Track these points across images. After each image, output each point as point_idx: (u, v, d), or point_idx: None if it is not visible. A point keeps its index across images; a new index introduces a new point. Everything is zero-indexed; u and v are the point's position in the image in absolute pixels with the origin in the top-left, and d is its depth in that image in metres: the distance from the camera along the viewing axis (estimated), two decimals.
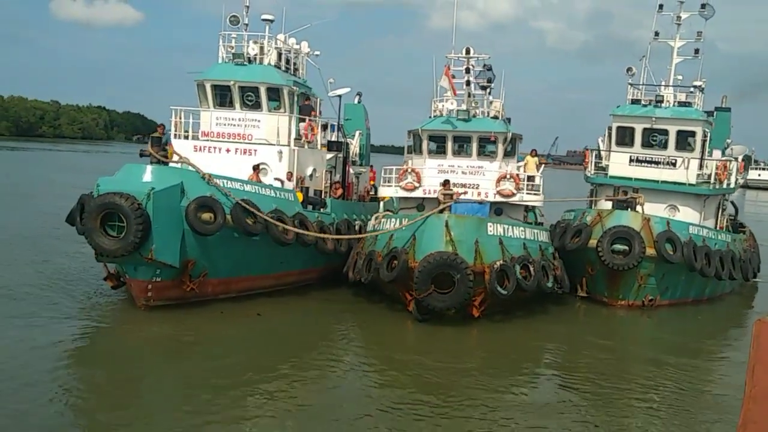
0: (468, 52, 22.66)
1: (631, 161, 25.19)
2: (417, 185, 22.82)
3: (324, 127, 25.26)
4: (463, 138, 23.36)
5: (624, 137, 25.46)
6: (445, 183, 20.26)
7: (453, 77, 23.50)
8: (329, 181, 24.56)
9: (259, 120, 22.28)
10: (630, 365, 16.81)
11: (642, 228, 21.26)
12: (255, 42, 22.89)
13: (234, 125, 22.38)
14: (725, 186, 25.37)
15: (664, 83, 25.64)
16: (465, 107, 23.30)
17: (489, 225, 18.71)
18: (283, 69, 23.71)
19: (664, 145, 25.02)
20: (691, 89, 25.58)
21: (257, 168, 21.04)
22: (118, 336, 16.04)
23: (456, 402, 12.92)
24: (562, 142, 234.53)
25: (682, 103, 25.12)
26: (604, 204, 24.91)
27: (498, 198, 22.46)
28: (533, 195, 22.84)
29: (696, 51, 25.71)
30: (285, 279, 20.52)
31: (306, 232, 19.30)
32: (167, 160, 17.97)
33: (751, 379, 4.23)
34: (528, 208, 24.74)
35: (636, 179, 24.69)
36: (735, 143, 28.38)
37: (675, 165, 24.66)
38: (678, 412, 13.49)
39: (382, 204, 25.13)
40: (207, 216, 17.21)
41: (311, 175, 23.21)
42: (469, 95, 23.53)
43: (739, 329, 21.79)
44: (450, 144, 23.37)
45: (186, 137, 22.34)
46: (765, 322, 4.21)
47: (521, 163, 24.87)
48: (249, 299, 19.27)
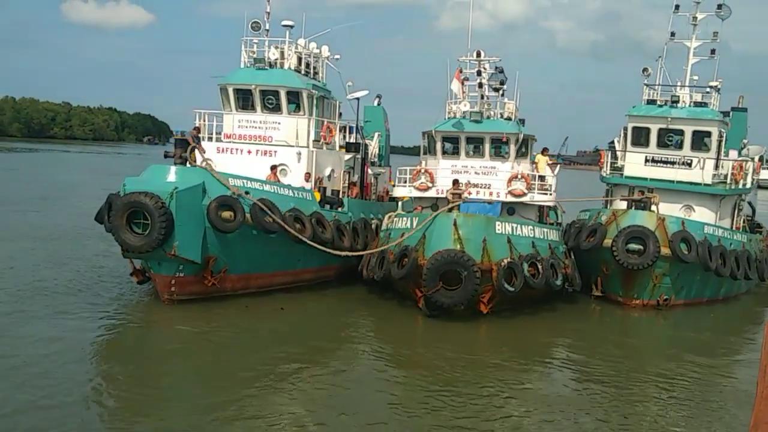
0: (479, 55, 23.36)
1: (647, 161, 25.52)
2: (430, 185, 23.54)
3: (343, 129, 26.20)
4: (476, 139, 24.03)
5: (640, 137, 25.80)
6: (455, 183, 20.99)
7: (466, 79, 24.23)
8: (347, 182, 25.43)
9: (279, 122, 23.27)
10: (643, 362, 17.17)
11: (657, 228, 21.61)
12: (276, 47, 23.89)
13: (255, 127, 23.41)
14: (741, 186, 25.56)
15: (680, 84, 25.92)
16: (478, 109, 23.99)
17: (497, 224, 19.36)
18: (303, 73, 24.64)
19: (679, 146, 25.29)
20: (707, 89, 25.82)
21: (275, 168, 21.98)
22: (143, 330, 17.03)
23: (467, 394, 13.51)
24: (571, 142, 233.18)
25: (697, 104, 25.37)
26: (619, 204, 25.27)
27: (509, 198, 23.06)
28: (544, 195, 23.37)
29: (712, 51, 25.95)
30: (302, 276, 21.43)
31: (298, 233, 19.87)
32: (191, 161, 18.97)
33: (763, 380, 4.16)
34: (549, 207, 25.25)
35: (651, 179, 25.02)
36: (752, 143, 28.49)
37: (690, 165, 24.93)
38: (691, 410, 13.80)
39: (400, 204, 25.88)
40: (227, 214, 18.22)
41: (329, 176, 24.12)
42: (482, 97, 24.21)
43: (754, 329, 22.01)
44: (463, 145, 24.05)
45: (210, 139, 23.42)
46: None
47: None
48: (268, 295, 20.18)
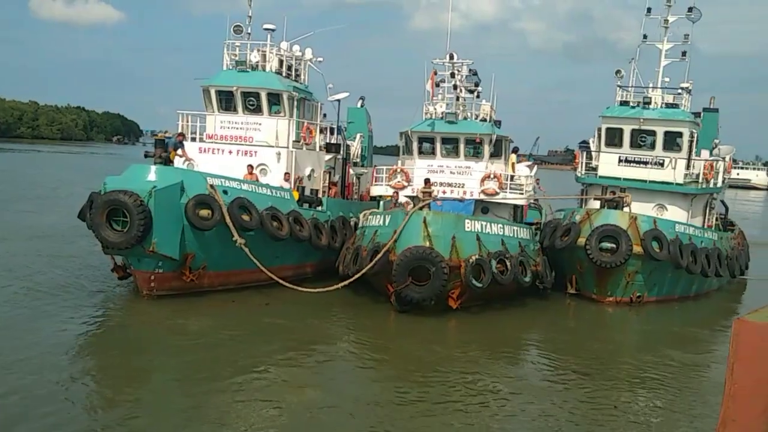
0: (452, 57, 24.08)
1: (620, 161, 26.28)
2: (406, 184, 24.26)
3: (325, 130, 26.88)
4: (451, 139, 24.81)
5: (613, 138, 26.54)
6: (427, 182, 21.67)
7: (443, 81, 24.94)
8: (328, 181, 26.13)
9: (260, 123, 24.01)
10: (616, 355, 17.78)
11: (629, 226, 22.25)
12: (258, 50, 24.58)
13: (237, 128, 24.14)
14: (712, 185, 26.30)
15: (651, 85, 26.69)
16: (453, 110, 24.77)
17: (467, 221, 20.06)
18: (285, 75, 25.36)
19: (652, 146, 26.04)
20: (679, 91, 26.57)
21: (251, 167, 22.70)
22: (122, 325, 17.57)
23: (437, 384, 14.11)
24: (543, 141, 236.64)
25: (669, 105, 26.16)
26: (593, 203, 25.99)
27: (482, 196, 23.79)
28: (516, 194, 24.08)
29: (683, 53, 26.77)
30: (281, 273, 22.01)
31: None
32: (170, 161, 19.65)
33: (731, 377, 4.24)
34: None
35: (625, 179, 25.75)
36: (722, 143, 29.22)
37: (663, 165, 25.69)
38: (663, 403, 14.16)
39: (382, 203, 26.55)
40: (205, 212, 18.91)
41: (310, 176, 24.82)
42: (458, 98, 24.94)
43: (725, 325, 22.65)
44: (439, 145, 24.84)
45: (193, 140, 24.11)
46: (744, 321, 4.23)
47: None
48: (254, 289, 20.78)
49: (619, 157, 26.29)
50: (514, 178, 24.43)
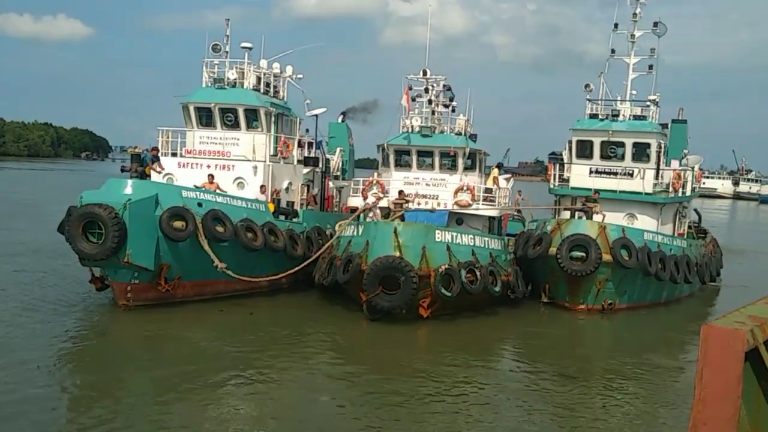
0: (425, 73, 24.67)
1: (591, 173, 26.70)
2: (382, 196, 24.73)
3: (303, 145, 27.42)
4: (426, 152, 25.25)
5: (584, 150, 26.99)
6: (400, 193, 22.14)
7: (419, 96, 25.56)
8: (306, 194, 26.58)
9: (238, 138, 24.37)
10: (588, 361, 17.97)
11: (598, 235, 22.55)
12: (235, 68, 25.14)
13: (215, 143, 24.52)
14: (681, 194, 26.79)
15: (620, 98, 27.24)
16: (428, 124, 25.27)
17: (437, 232, 20.31)
18: (263, 92, 25.78)
19: (621, 157, 26.48)
20: (647, 103, 27.15)
21: (212, 177, 22.97)
22: (99, 335, 17.71)
23: (406, 393, 14.17)
24: (513, 153, 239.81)
25: (637, 117, 26.65)
26: (565, 214, 26.48)
27: (455, 208, 24.24)
28: (489, 206, 24.58)
29: (650, 67, 27.31)
30: (258, 283, 22.41)
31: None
32: (146, 175, 20.12)
33: (701, 382, 4.26)
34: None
35: (596, 190, 26.23)
36: (691, 153, 29.82)
37: (632, 175, 26.13)
38: (634, 407, 14.28)
39: (362, 214, 26.97)
40: (179, 224, 19.24)
41: (287, 188, 25.26)
42: (433, 113, 25.50)
43: (694, 330, 23.01)
44: (414, 157, 25.27)
45: (174, 155, 24.59)
46: (712, 326, 4.24)
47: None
48: (230, 299, 21.03)
49: (590, 169, 26.69)
50: (491, 190, 24.95)
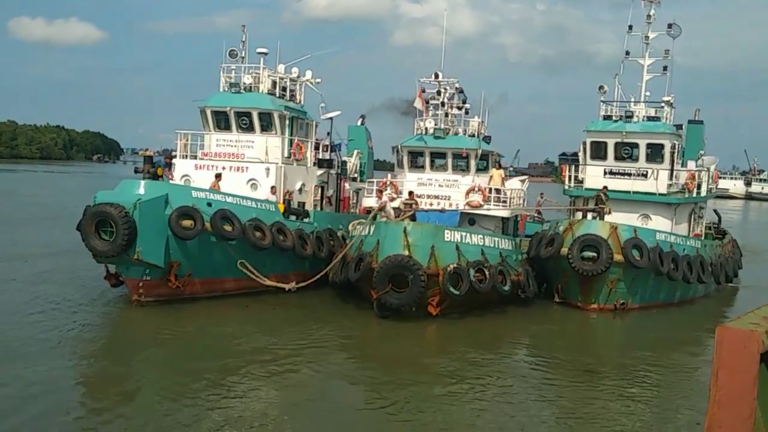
0: (437, 76, 24.80)
1: (605, 174, 26.31)
2: (395, 196, 24.87)
3: (319, 147, 27.80)
4: (439, 153, 25.25)
5: (598, 151, 26.62)
6: (410, 194, 22.27)
7: (432, 98, 25.71)
8: (320, 195, 26.92)
9: (253, 141, 24.69)
10: (601, 359, 17.70)
11: (609, 236, 22.19)
12: (250, 73, 25.68)
13: (231, 146, 24.93)
14: (695, 195, 26.27)
15: (634, 99, 26.87)
16: (441, 126, 25.35)
17: (446, 232, 20.16)
18: (279, 95, 26.19)
19: (635, 158, 26.04)
20: (661, 104, 26.72)
21: (219, 177, 23.15)
22: (114, 329, 18.05)
23: (414, 389, 14.15)
24: (523, 154, 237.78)
25: (650, 118, 26.19)
26: (578, 215, 26.25)
27: (467, 209, 24.25)
28: (500, 206, 24.52)
29: (664, 68, 26.84)
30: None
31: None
32: (158, 176, 20.66)
33: (716, 384, 4.23)
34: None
35: (610, 190, 25.98)
36: (707, 154, 29.21)
37: (646, 176, 25.67)
38: (649, 407, 14.01)
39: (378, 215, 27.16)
40: (188, 223, 19.61)
41: (300, 189, 25.61)
42: (447, 115, 25.60)
43: (709, 330, 22.50)
44: (427, 159, 25.30)
45: (194, 157, 25.20)
46: (726, 328, 4.19)
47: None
48: (239, 297, 21.18)
49: (605, 170, 26.29)
50: (500, 191, 24.89)
